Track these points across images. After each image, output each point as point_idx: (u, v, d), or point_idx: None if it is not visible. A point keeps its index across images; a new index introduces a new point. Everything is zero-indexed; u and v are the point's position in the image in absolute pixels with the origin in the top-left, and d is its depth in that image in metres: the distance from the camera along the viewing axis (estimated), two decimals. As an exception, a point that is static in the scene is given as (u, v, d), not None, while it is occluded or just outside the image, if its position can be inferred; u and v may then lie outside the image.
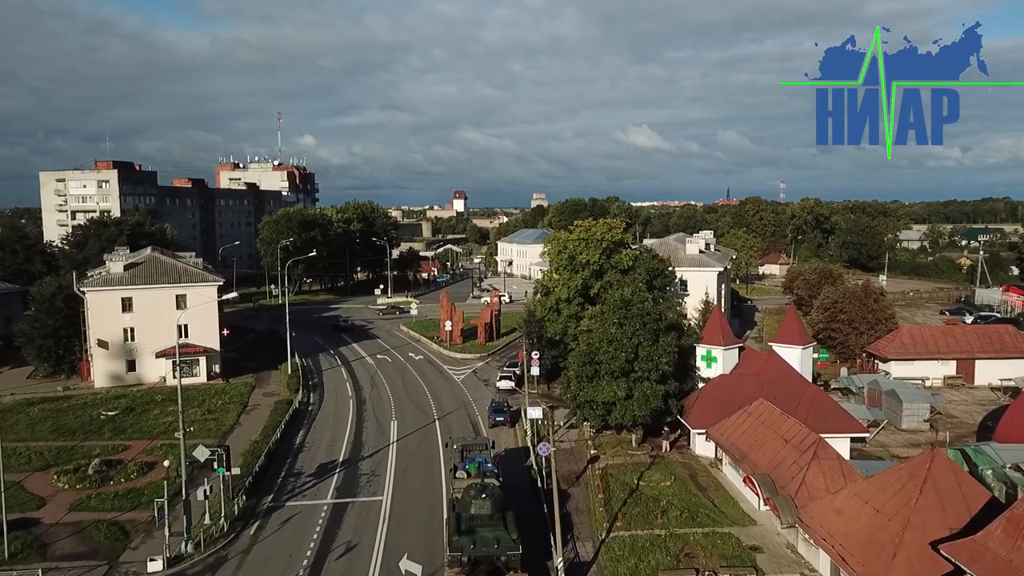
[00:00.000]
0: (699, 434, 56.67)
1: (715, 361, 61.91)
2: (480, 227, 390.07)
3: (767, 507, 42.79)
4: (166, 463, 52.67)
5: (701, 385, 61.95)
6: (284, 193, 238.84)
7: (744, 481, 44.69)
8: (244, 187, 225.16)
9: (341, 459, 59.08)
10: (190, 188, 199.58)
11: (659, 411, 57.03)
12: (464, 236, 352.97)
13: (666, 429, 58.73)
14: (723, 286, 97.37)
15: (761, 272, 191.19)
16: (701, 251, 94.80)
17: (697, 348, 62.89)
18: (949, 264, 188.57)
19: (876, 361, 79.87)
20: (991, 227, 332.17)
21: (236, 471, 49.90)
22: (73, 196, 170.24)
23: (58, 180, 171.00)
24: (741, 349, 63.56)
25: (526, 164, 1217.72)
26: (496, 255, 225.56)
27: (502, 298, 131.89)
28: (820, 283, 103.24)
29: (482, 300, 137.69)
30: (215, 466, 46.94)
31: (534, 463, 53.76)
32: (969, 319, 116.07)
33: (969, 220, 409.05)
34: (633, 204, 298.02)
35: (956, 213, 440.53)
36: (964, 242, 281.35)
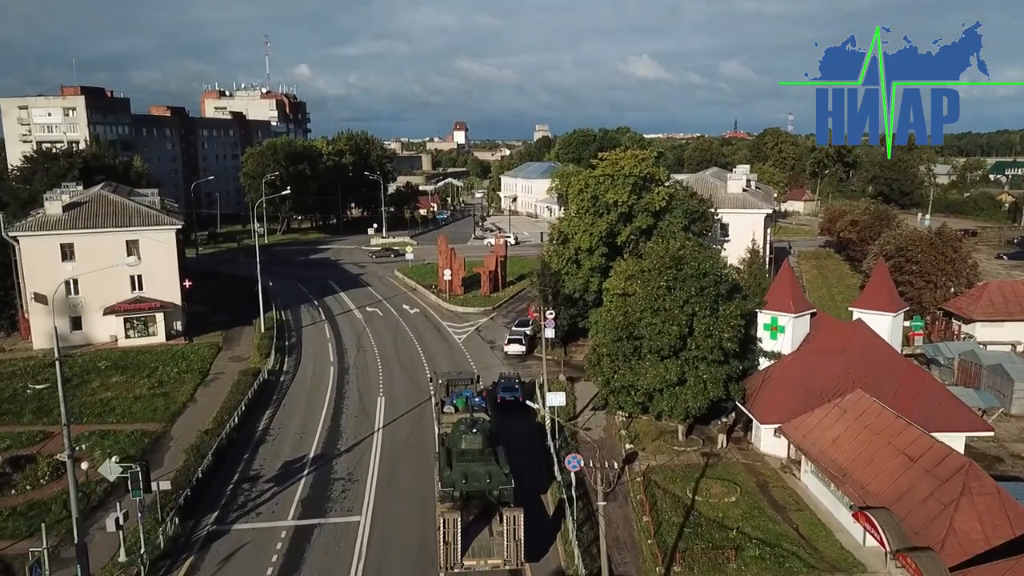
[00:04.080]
0: (768, 428, 44.37)
1: (782, 331, 48.94)
2: (481, 160, 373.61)
3: (894, 559, 30.65)
4: (84, 465, 40.81)
5: (765, 363, 49.19)
6: (273, 123, 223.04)
7: (855, 516, 32.59)
8: (230, 116, 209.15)
9: (312, 455, 47.03)
10: (169, 117, 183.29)
11: (717, 400, 44.60)
12: (465, 170, 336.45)
13: (723, 420, 46.38)
14: (768, 231, 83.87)
15: (784, 209, 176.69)
16: (745, 189, 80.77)
17: (759, 315, 49.89)
18: (989, 201, 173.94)
19: (955, 322, 67.22)
20: (1020, 160, 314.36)
21: (166, 485, 37.72)
22: (38, 125, 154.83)
23: (20, 108, 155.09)
24: (813, 315, 50.59)
25: (527, 95, 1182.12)
26: (499, 191, 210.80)
27: (507, 241, 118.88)
28: (876, 226, 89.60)
29: (485, 242, 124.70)
30: (129, 487, 34.60)
31: (542, 408, 48.70)
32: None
33: (983, 153, 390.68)
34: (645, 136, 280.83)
35: (970, 146, 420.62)
36: (993, 176, 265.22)
